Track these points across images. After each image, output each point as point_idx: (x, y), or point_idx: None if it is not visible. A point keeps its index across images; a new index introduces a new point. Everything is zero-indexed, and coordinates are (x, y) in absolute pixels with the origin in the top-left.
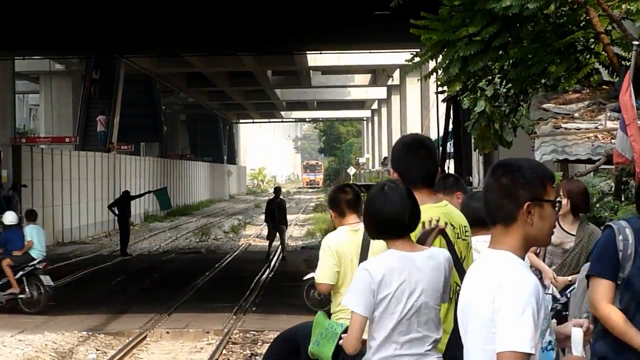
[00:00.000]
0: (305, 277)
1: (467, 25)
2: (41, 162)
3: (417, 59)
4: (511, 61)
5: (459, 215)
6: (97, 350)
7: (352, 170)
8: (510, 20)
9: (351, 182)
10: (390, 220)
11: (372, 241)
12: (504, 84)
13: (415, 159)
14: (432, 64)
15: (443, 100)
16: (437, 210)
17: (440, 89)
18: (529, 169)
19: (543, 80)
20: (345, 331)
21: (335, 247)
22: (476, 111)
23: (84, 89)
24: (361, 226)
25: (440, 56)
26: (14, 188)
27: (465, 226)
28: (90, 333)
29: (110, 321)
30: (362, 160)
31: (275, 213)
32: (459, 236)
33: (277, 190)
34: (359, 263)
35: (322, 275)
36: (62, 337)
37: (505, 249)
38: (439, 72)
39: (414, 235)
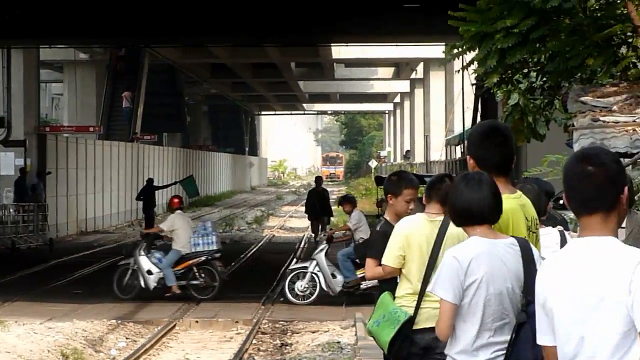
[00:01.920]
0: (292, 267)
1: (505, 18)
2: (65, 151)
3: (455, 51)
4: (548, 54)
5: (532, 207)
6: (126, 338)
7: (373, 163)
8: (548, 13)
9: (372, 174)
10: (466, 208)
11: (447, 234)
12: (539, 77)
13: (491, 146)
14: (458, 59)
15: (477, 93)
16: (513, 201)
17: (475, 81)
18: (613, 155)
19: (579, 74)
20: (408, 321)
21: (407, 232)
22: (510, 104)
23: (110, 67)
24: (440, 218)
25: (478, 48)
26: (39, 176)
27: (536, 219)
28: (119, 321)
29: (138, 310)
30: (383, 153)
31: (316, 204)
32: (530, 229)
33: (318, 179)
34: (431, 254)
35: (386, 258)
36: (91, 325)
37: (610, 235)
38: (475, 64)
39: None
